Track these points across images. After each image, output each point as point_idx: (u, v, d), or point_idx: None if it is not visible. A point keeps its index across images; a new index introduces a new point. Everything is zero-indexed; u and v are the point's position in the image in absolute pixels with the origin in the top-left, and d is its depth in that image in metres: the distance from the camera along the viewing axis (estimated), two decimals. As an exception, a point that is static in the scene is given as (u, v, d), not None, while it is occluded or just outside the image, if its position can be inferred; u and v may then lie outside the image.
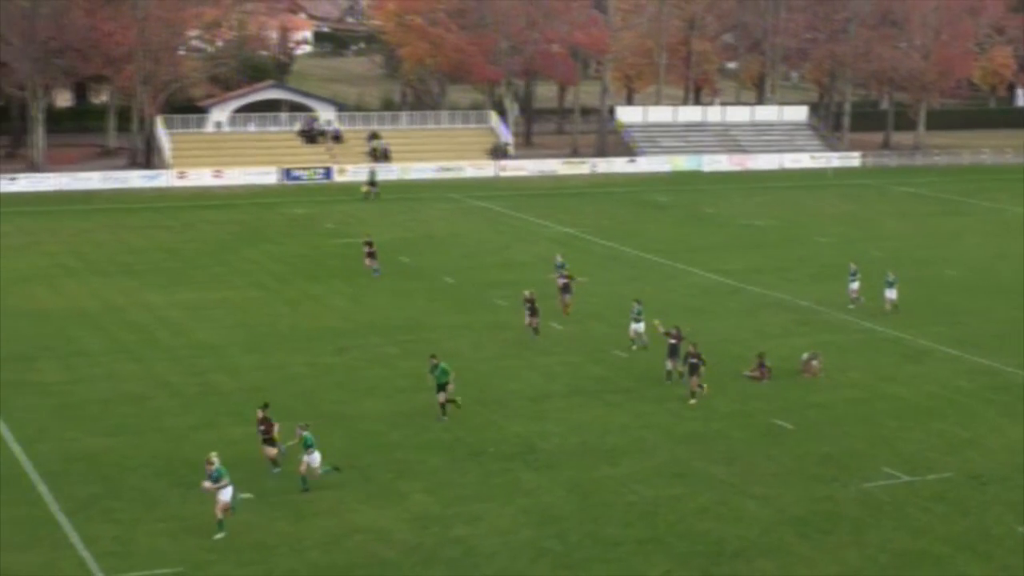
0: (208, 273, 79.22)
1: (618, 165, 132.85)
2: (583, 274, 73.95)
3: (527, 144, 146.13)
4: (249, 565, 37.75)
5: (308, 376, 57.36)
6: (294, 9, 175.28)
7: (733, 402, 53.81)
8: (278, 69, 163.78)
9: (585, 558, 38.31)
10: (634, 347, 60.53)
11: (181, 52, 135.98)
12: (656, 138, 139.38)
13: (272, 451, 45.02)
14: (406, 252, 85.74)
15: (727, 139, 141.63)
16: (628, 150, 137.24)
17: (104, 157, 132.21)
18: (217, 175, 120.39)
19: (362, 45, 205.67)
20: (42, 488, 43.73)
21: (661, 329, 56.41)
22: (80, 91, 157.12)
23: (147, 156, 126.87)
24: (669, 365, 55.56)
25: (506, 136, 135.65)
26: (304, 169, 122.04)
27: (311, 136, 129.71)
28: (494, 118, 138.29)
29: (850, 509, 42.42)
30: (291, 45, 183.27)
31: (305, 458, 42.98)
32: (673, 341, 55.49)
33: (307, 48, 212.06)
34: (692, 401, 52.64)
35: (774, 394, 54.96)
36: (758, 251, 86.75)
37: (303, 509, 41.97)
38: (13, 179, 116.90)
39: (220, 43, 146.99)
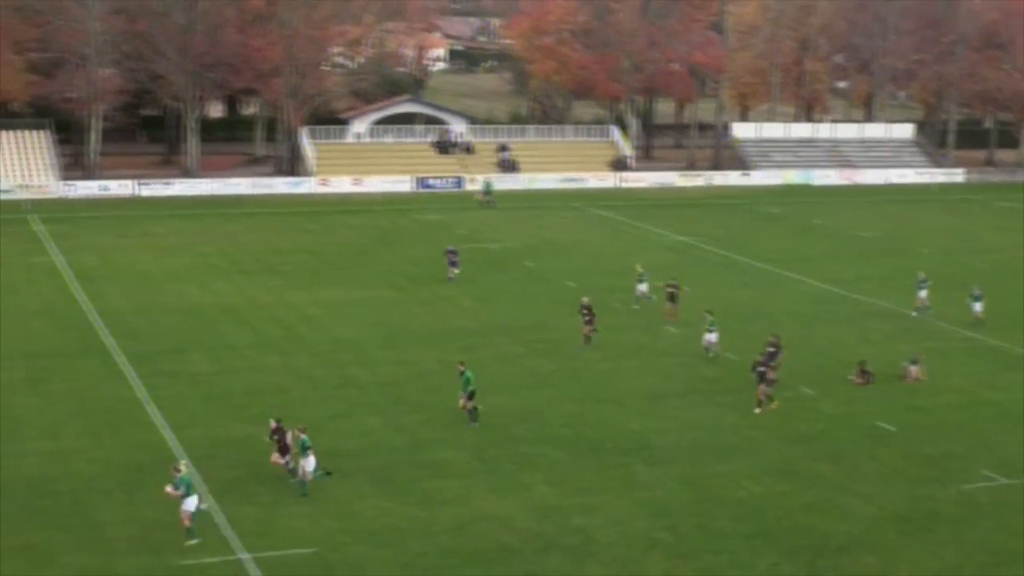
0: (347, 274, 79.84)
1: (732, 178, 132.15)
2: (699, 281, 73.85)
3: (647, 157, 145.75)
4: (382, 547, 38.01)
5: (438, 372, 57.55)
6: (430, 29, 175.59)
7: (838, 405, 53.37)
8: (414, 84, 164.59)
9: (696, 549, 38.21)
10: (710, 354, 59.72)
11: (325, 68, 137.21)
12: (769, 153, 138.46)
13: (281, 460, 43.64)
14: (531, 257, 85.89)
15: (836, 155, 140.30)
16: (742, 164, 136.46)
17: (252, 165, 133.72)
18: (356, 183, 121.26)
19: (493, 63, 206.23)
20: (191, 471, 44.35)
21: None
22: (231, 103, 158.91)
23: (292, 164, 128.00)
24: (767, 380, 55.10)
25: (627, 149, 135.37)
26: (437, 178, 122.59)
27: (444, 147, 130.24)
28: (616, 132, 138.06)
29: (949, 509, 41.98)
30: (427, 62, 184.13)
31: (301, 461, 42.22)
32: (772, 349, 55.10)
33: (442, 65, 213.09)
34: (757, 411, 51.61)
35: (877, 398, 54.42)
36: (864, 261, 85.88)
37: (433, 496, 42.18)
38: (168, 184, 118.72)
39: (361, 60, 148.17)
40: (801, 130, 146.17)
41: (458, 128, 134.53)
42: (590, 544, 38.52)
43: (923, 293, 70.24)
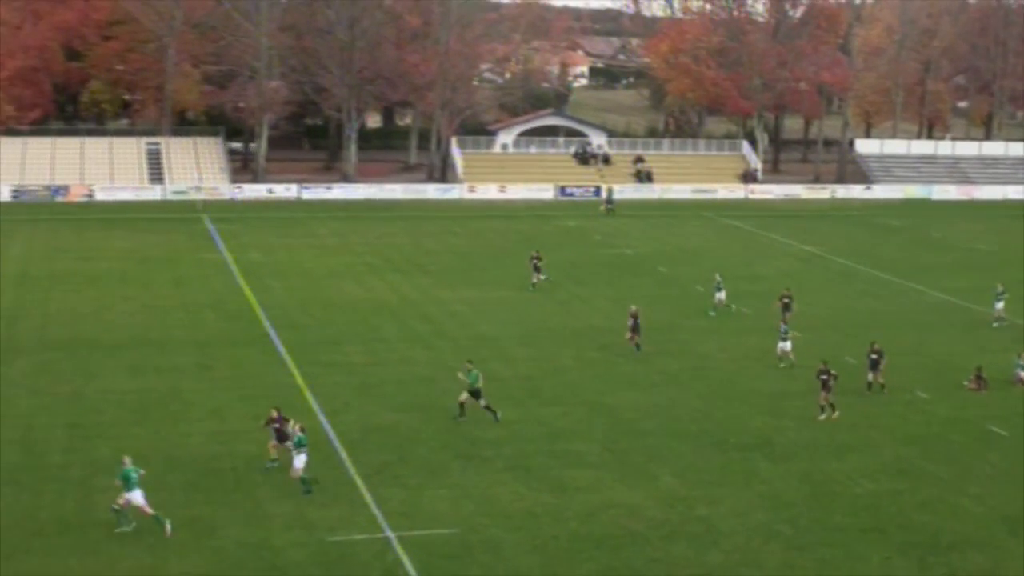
0: (491, 275, 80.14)
1: (855, 191, 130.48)
2: (822, 289, 73.37)
3: (774, 170, 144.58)
4: (517, 530, 38.10)
5: (574, 368, 57.60)
6: (573, 47, 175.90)
7: (953, 409, 52.47)
8: (557, 99, 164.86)
9: (813, 542, 37.82)
10: (782, 365, 58.11)
11: (475, 83, 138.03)
12: (890, 168, 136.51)
13: (276, 448, 43.06)
14: (663, 263, 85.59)
15: (956, 171, 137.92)
16: (865, 178, 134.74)
17: (406, 171, 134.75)
18: (502, 190, 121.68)
19: (631, 79, 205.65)
20: (343, 454, 44.78)
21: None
22: (388, 114, 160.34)
23: (442, 172, 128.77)
24: (870, 377, 54.29)
25: (756, 163, 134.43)
26: (577, 187, 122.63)
27: (584, 158, 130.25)
28: (745, 146, 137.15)
29: (1058, 510, 41.17)
30: (569, 78, 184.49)
31: (293, 456, 41.06)
32: (874, 356, 54.26)
33: (583, 81, 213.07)
34: (821, 417, 50.15)
35: (991, 403, 53.41)
36: (981, 273, 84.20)
37: (567, 484, 42.18)
38: (329, 188, 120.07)
39: (509, 75, 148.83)
40: (922, 147, 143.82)
41: (597, 140, 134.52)
42: (713, 533, 38.30)
43: (1000, 305, 68.77)
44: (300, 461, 40.74)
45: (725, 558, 36.52)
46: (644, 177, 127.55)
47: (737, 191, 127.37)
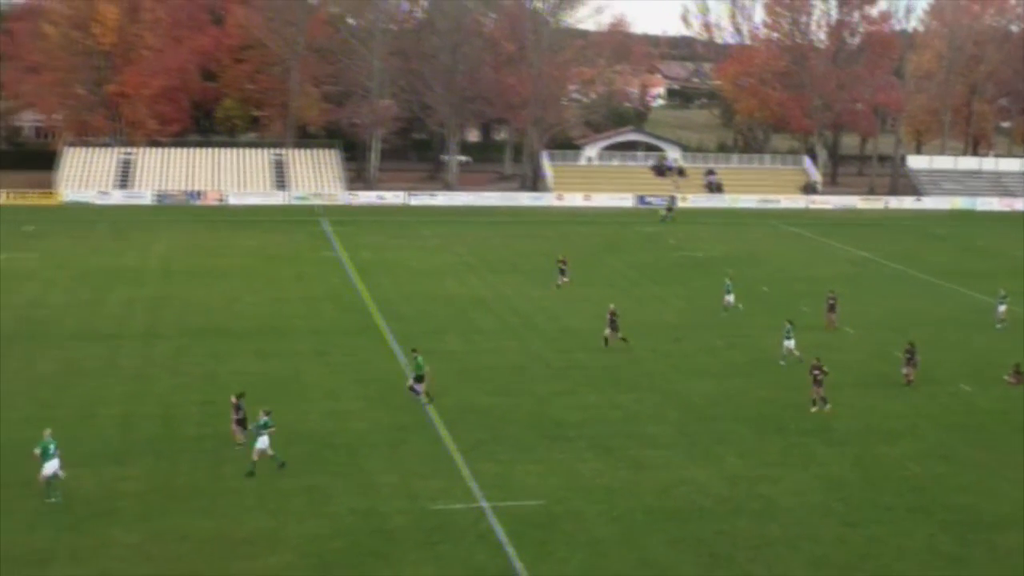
0: (576, 274, 79.99)
1: (907, 203, 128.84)
2: (874, 290, 72.75)
3: (832, 183, 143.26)
4: (597, 503, 38.08)
5: (650, 359, 57.44)
6: (652, 71, 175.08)
7: (993, 401, 51.66)
8: (637, 117, 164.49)
9: (864, 519, 37.46)
10: (782, 363, 56.57)
11: (564, 102, 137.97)
12: (939, 182, 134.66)
13: (241, 432, 42.43)
14: (731, 265, 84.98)
15: (999, 185, 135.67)
16: (915, 191, 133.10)
17: (501, 181, 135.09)
18: (587, 198, 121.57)
19: (704, 100, 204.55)
20: (444, 432, 44.98)
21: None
22: (485, 130, 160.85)
23: (534, 182, 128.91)
24: (905, 371, 53.66)
25: (816, 176, 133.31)
26: (654, 196, 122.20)
27: (661, 171, 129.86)
28: (807, 161, 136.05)
29: (1090, 494, 40.47)
30: (648, 99, 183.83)
31: (256, 439, 39.95)
32: (908, 355, 53.61)
33: (660, 101, 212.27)
34: (813, 409, 49.02)
35: (1029, 396, 52.76)
36: (1020, 278, 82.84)
37: (641, 463, 42.09)
38: (433, 195, 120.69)
39: (594, 96, 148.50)
40: (968, 163, 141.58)
41: (673, 154, 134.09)
42: (772, 509, 38.07)
43: (1002, 308, 67.38)
44: (262, 443, 39.81)
45: (784, 532, 36.29)
46: (715, 188, 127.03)
47: (799, 201, 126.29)
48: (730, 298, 68.39)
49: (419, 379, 49.01)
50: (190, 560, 33.27)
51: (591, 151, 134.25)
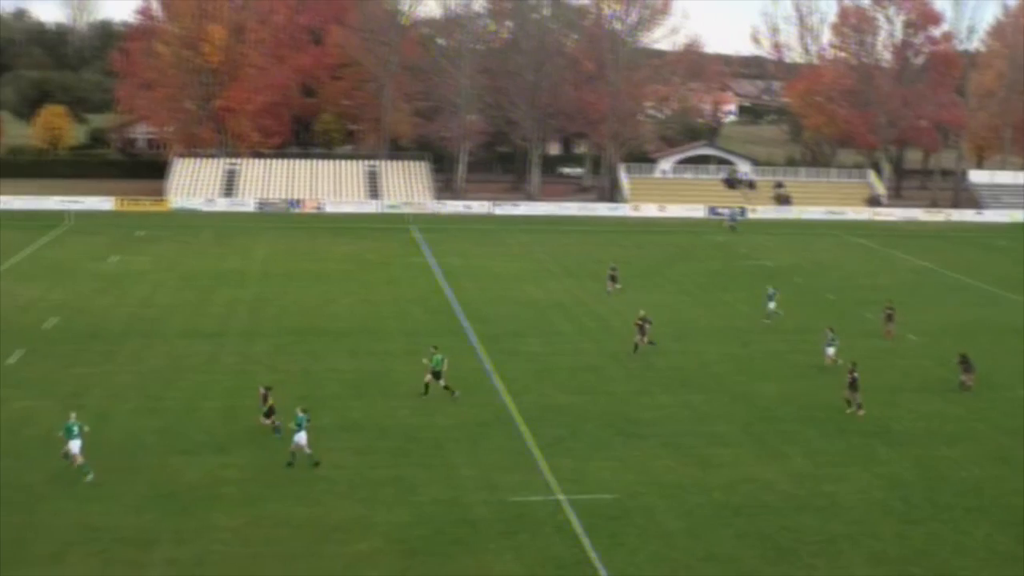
0: (650, 280, 79.85)
1: (968, 215, 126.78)
2: (935, 299, 71.81)
3: (896, 196, 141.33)
4: (668, 498, 37.96)
5: (719, 361, 57.13)
6: (724, 88, 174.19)
7: (1050, 406, 50.93)
8: (710, 132, 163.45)
9: (923, 517, 37.01)
10: (828, 366, 55.54)
11: (640, 118, 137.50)
12: (999, 196, 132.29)
13: (267, 421, 43.42)
14: (799, 274, 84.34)
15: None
16: (977, 204, 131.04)
17: (580, 192, 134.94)
18: (661, 209, 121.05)
19: (774, 116, 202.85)
20: (523, 429, 45.06)
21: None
22: (566, 143, 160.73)
23: (611, 193, 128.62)
24: (963, 377, 52.77)
25: (880, 189, 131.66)
26: (725, 208, 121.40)
27: (732, 183, 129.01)
28: (871, 175, 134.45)
29: None
30: (720, 115, 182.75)
31: (295, 435, 40.02)
32: (963, 365, 52.75)
33: (732, 117, 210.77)
34: (849, 411, 48.41)
35: (1085, 402, 51.72)
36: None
37: (710, 460, 41.90)
38: (516, 205, 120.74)
39: (668, 112, 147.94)
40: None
41: (743, 168, 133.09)
42: (836, 507, 37.72)
43: None
44: (301, 439, 39.84)
45: (846, 528, 35.94)
46: (783, 200, 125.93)
47: (864, 213, 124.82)
48: (772, 305, 67.74)
49: (436, 375, 49.13)
50: (286, 544, 33.60)
51: (665, 164, 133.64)
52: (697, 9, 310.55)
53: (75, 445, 38.57)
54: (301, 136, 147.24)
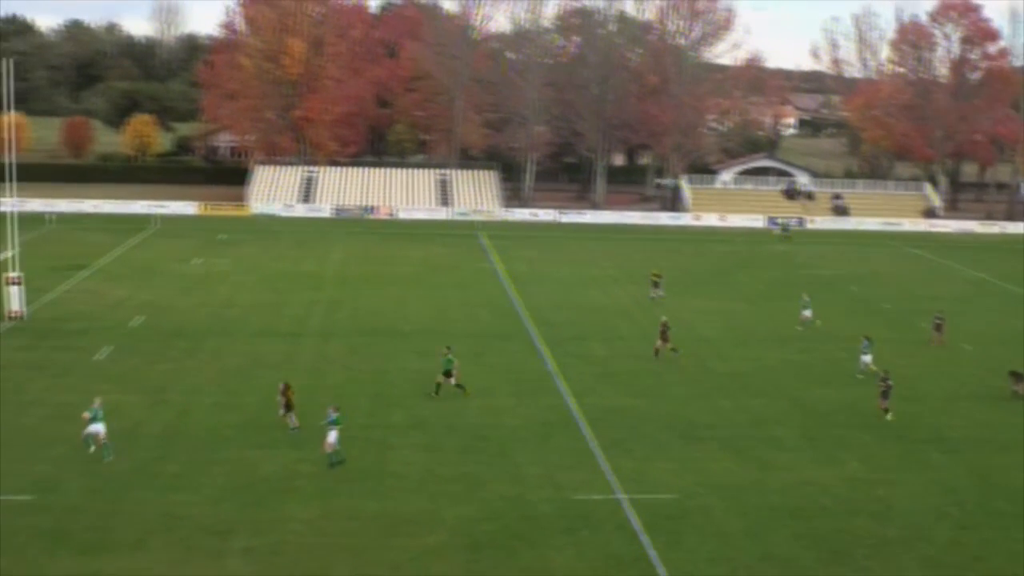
0: (710, 288, 79.36)
1: (1023, 228, 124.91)
2: (989, 309, 70.82)
3: (952, 208, 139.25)
4: (726, 499, 37.63)
5: (778, 367, 56.61)
6: (784, 102, 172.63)
7: (1104, 415, 49.90)
8: (769, 145, 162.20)
9: (977, 523, 36.41)
10: (859, 375, 54.53)
11: (702, 130, 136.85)
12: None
13: (284, 412, 43.62)
14: (855, 284, 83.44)
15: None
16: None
17: (643, 202, 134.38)
18: (722, 219, 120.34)
19: (832, 129, 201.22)
20: (587, 429, 44.90)
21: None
22: (630, 154, 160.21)
23: (673, 203, 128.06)
24: (1016, 387, 51.87)
25: (936, 201, 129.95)
26: (784, 218, 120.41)
27: (791, 194, 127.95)
28: (928, 187, 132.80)
29: None
30: (780, 128, 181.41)
31: (327, 433, 39.75)
32: (1015, 377, 51.85)
33: (791, 131, 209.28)
34: (888, 417, 47.70)
35: None
36: None
37: (768, 463, 41.50)
38: (581, 213, 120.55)
39: (730, 124, 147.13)
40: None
41: (802, 180, 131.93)
42: (889, 511, 37.20)
43: None
44: (332, 437, 39.60)
45: (900, 533, 35.45)
46: (841, 211, 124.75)
47: (920, 225, 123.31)
48: (807, 313, 66.94)
49: (447, 373, 49.16)
50: (358, 536, 33.71)
51: (726, 175, 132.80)
52: (759, 25, 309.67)
53: (98, 427, 39.90)
54: (376, 145, 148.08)
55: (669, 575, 31.93)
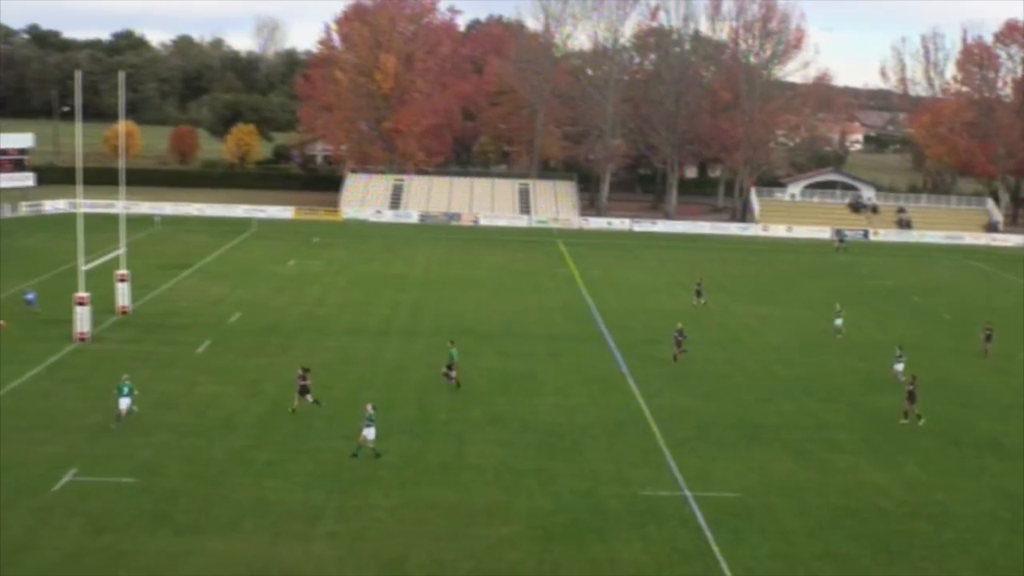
0: (777, 296, 78.63)
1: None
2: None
3: (1013, 223, 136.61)
4: (787, 499, 37.17)
5: (840, 373, 55.87)
6: (851, 119, 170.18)
7: None
8: (836, 159, 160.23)
9: (1032, 528, 35.76)
10: (895, 382, 53.04)
11: (771, 145, 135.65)
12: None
13: (300, 399, 44.45)
14: (917, 293, 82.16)
15: None
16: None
17: (714, 213, 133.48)
18: (789, 230, 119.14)
19: (897, 146, 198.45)
20: (655, 428, 44.68)
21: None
22: (702, 167, 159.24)
23: (743, 214, 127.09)
24: None
25: (998, 216, 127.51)
26: (850, 230, 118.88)
27: (856, 208, 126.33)
28: (990, 202, 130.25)
29: None
30: (847, 143, 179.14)
31: (364, 430, 39.31)
32: None
33: (858, 146, 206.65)
34: (903, 421, 46.77)
35: None
36: None
37: (828, 465, 40.97)
38: (654, 223, 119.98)
39: (798, 140, 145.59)
40: None
41: (867, 193, 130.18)
42: (946, 515, 36.55)
43: None
44: (371, 434, 39.28)
45: (956, 536, 34.82)
46: (905, 224, 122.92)
47: (981, 239, 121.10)
48: (839, 322, 65.86)
49: (450, 367, 49.56)
50: (436, 524, 33.85)
51: (794, 188, 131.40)
52: (828, 45, 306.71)
53: (124, 402, 41.92)
54: (461, 156, 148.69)
55: (731, 570, 31.67)
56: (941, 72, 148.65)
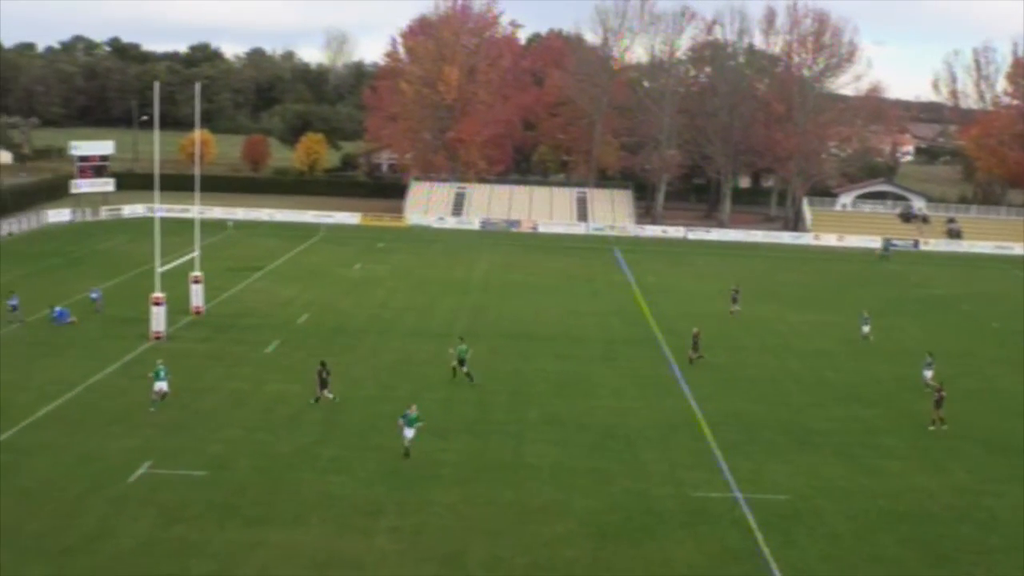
0: (828, 303, 77.82)
1: None
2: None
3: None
4: (836, 501, 36.69)
5: (889, 380, 55.10)
6: (902, 131, 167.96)
7: None
8: (888, 170, 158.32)
9: (1079, 534, 35.00)
10: (927, 389, 51.74)
11: (824, 156, 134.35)
12: None
13: (319, 392, 45.23)
14: (966, 303, 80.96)
15: None
16: None
17: (766, 222, 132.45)
18: (840, 239, 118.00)
19: (948, 158, 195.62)
20: (707, 431, 44.32)
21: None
22: (755, 177, 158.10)
23: (795, 223, 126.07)
24: None
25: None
26: (900, 240, 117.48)
27: (907, 218, 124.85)
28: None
29: None
30: (898, 155, 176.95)
31: (404, 430, 38.84)
32: None
33: (909, 158, 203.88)
34: (931, 428, 45.86)
35: None
36: None
37: (877, 470, 40.37)
38: (708, 231, 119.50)
39: (850, 151, 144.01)
40: None
41: (918, 204, 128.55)
42: (993, 520, 35.90)
43: None
44: (409, 433, 38.93)
45: (1003, 541, 34.18)
46: (955, 235, 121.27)
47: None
48: (866, 328, 64.87)
49: (462, 362, 49.78)
50: (493, 521, 33.81)
51: (846, 198, 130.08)
52: (880, 59, 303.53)
53: (160, 385, 43.88)
54: (521, 165, 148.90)
55: (781, 571, 31.33)
56: (992, 85, 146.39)
